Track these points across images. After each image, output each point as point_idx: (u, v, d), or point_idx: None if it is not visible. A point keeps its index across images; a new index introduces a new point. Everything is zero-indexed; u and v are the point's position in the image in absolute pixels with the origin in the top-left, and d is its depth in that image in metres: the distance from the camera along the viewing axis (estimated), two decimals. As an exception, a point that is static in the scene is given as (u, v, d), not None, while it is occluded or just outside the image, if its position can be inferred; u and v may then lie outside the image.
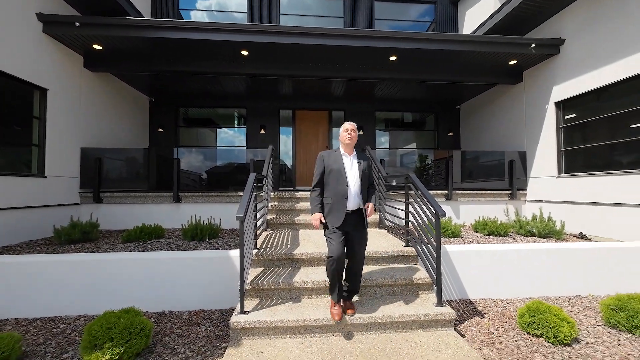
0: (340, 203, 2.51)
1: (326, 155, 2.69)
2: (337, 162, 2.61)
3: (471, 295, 3.49)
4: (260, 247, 3.47)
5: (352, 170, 2.61)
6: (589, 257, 3.61)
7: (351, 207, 2.55)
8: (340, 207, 2.51)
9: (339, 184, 2.54)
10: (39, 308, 3.05)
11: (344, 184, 2.53)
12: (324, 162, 2.65)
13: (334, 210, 2.52)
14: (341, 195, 2.52)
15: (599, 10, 4.78)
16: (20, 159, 4.47)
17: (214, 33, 4.95)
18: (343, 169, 2.57)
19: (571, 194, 5.23)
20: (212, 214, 5.09)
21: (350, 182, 2.55)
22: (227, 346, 2.42)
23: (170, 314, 3.11)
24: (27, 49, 4.39)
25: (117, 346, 2.13)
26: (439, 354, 2.27)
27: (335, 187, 2.55)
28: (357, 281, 2.68)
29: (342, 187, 2.53)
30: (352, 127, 2.68)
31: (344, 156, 2.66)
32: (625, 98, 4.51)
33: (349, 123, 2.70)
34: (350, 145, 2.67)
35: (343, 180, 2.54)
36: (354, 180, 2.58)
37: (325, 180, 2.62)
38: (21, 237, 4.32)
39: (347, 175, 2.56)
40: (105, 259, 3.21)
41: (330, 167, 2.60)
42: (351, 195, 2.54)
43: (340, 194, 2.52)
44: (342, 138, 2.68)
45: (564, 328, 2.45)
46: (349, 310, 2.59)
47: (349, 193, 2.53)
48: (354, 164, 2.64)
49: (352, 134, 2.65)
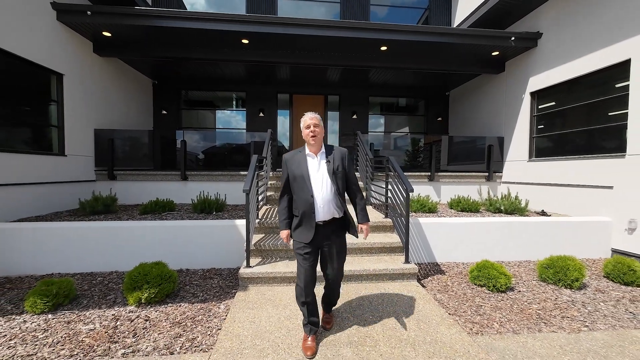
0: (308, 215, 2.11)
1: (289, 158, 2.21)
2: (300, 167, 2.14)
3: (438, 259, 4.17)
4: (261, 217, 4.09)
5: (320, 174, 2.13)
6: (538, 229, 4.28)
7: (322, 219, 2.12)
8: (308, 219, 2.11)
9: (304, 193, 2.11)
10: (78, 265, 3.67)
11: (308, 194, 2.09)
12: (287, 167, 2.20)
13: (302, 223, 2.14)
14: (308, 205, 2.10)
15: (571, 8, 5.18)
16: (44, 139, 4.95)
17: (216, 23, 5.31)
18: (307, 175, 2.11)
19: (538, 176, 5.86)
20: (216, 190, 5.67)
21: (316, 191, 2.10)
22: (236, 291, 3.08)
23: (187, 270, 3.75)
24: (44, 36, 4.76)
25: (153, 287, 2.77)
26: (401, 296, 2.95)
27: (301, 196, 2.13)
28: (335, 295, 2.42)
29: (307, 196, 2.10)
30: (313, 121, 2.11)
31: (308, 157, 2.17)
32: (587, 91, 5.03)
33: (309, 116, 2.13)
34: (316, 144, 2.15)
35: (307, 189, 2.10)
36: (320, 187, 2.11)
37: (292, 188, 2.21)
38: (49, 209, 4.89)
39: (311, 182, 2.11)
40: (133, 225, 3.81)
41: (293, 172, 2.16)
42: (319, 206, 2.10)
43: (307, 204, 2.10)
44: (305, 136, 2.15)
45: (501, 279, 3.13)
46: (327, 325, 2.40)
47: (316, 204, 2.10)
48: (322, 166, 2.15)
49: (316, 129, 2.11)
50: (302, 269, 2.14)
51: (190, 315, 2.65)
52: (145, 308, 2.76)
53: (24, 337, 2.31)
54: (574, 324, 2.55)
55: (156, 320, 2.57)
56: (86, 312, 2.70)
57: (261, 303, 2.80)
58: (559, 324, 2.55)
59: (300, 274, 2.17)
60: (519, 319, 2.63)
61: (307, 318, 2.18)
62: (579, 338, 2.33)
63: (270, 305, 2.76)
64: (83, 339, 2.30)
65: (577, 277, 3.22)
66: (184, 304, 2.86)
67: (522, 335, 2.36)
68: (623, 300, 3.01)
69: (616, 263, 3.47)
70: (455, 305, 2.89)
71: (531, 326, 2.51)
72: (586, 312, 2.76)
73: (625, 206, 4.28)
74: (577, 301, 2.98)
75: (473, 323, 2.55)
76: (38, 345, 2.22)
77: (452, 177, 6.71)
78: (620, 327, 2.52)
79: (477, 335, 2.37)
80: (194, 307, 2.80)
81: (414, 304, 2.80)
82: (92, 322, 2.54)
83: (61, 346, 2.21)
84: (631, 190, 4.21)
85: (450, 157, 7.23)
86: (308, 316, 2.18)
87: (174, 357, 2.08)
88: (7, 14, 4.14)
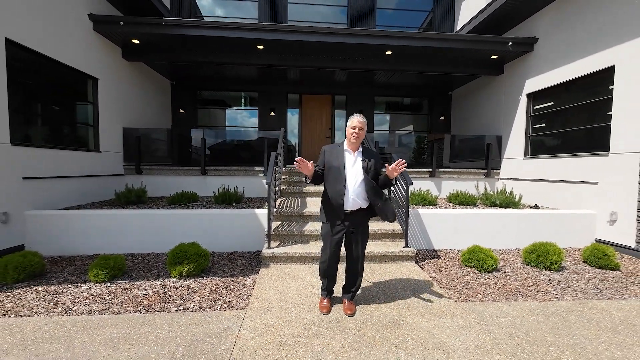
0: (338, 203, 2.38)
1: (328, 150, 2.51)
2: (338, 159, 2.42)
3: (435, 246, 4.64)
4: (278, 207, 4.61)
5: (354, 168, 2.40)
6: (528, 221, 4.72)
7: (350, 208, 2.40)
8: (338, 207, 2.39)
9: (337, 183, 2.38)
10: (120, 247, 4.23)
11: (341, 184, 2.36)
12: (325, 157, 2.50)
13: (333, 209, 2.43)
14: (338, 194, 2.36)
15: (565, 15, 5.55)
16: (83, 137, 5.54)
17: (235, 31, 5.81)
18: (343, 168, 2.39)
19: (532, 173, 6.28)
20: (233, 184, 6.21)
21: (349, 182, 2.37)
22: (259, 268, 3.62)
23: (214, 253, 4.28)
24: (82, 45, 5.31)
25: (192, 262, 3.32)
26: (400, 274, 3.45)
27: (334, 185, 2.40)
28: (357, 279, 2.62)
29: (340, 186, 2.36)
30: (360, 124, 2.37)
31: (346, 152, 2.45)
32: (577, 94, 5.42)
33: (357, 119, 2.39)
34: (356, 143, 2.43)
35: (341, 179, 2.37)
36: (353, 180, 2.38)
37: (325, 177, 2.49)
38: (87, 200, 5.48)
39: (346, 174, 2.38)
40: (167, 213, 4.37)
41: (330, 163, 2.44)
42: (349, 196, 2.37)
43: (338, 193, 2.37)
44: (348, 135, 2.42)
45: (488, 261, 3.61)
46: (349, 311, 2.55)
47: (346, 193, 2.36)
48: (357, 162, 2.41)
49: (360, 132, 2.37)
50: (328, 249, 2.50)
51: (223, 285, 3.19)
52: (185, 280, 3.31)
53: (94, 299, 2.87)
54: (546, 296, 3.02)
55: (196, 288, 3.11)
56: (137, 282, 3.26)
57: (282, 277, 3.33)
58: (533, 296, 3.02)
59: (325, 253, 2.54)
60: (500, 292, 3.11)
61: (325, 286, 2.66)
62: (547, 305, 2.81)
63: (290, 279, 3.28)
64: (141, 300, 2.85)
65: (556, 260, 3.68)
66: (217, 278, 3.40)
67: (500, 303, 2.85)
68: (594, 280, 3.46)
69: (593, 249, 3.92)
70: (447, 281, 3.38)
71: (509, 297, 2.99)
72: (559, 288, 3.22)
73: (607, 200, 4.69)
74: (553, 280, 3.45)
75: (460, 294, 3.04)
76: (107, 304, 2.78)
77: (452, 173, 7.15)
78: (585, 298, 2.98)
79: (462, 302, 2.86)
80: (226, 280, 3.34)
81: (411, 279, 3.30)
82: (144, 289, 3.10)
83: (125, 305, 2.76)
84: (613, 186, 4.62)
85: (452, 154, 7.66)
86: (327, 285, 2.65)
87: (217, 313, 2.62)
88: (53, 27, 4.69)
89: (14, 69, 4.07)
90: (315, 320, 2.47)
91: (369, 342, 2.18)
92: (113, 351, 2.07)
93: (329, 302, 2.66)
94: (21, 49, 4.21)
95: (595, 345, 2.19)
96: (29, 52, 4.34)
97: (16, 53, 4.14)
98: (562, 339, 2.26)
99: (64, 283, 3.22)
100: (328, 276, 2.61)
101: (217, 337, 2.24)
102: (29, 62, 4.39)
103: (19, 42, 4.11)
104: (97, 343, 2.16)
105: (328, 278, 2.62)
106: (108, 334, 2.27)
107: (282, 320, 2.46)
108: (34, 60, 4.47)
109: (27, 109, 4.45)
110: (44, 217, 4.17)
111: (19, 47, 4.17)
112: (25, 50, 4.28)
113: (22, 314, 2.59)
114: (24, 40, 4.18)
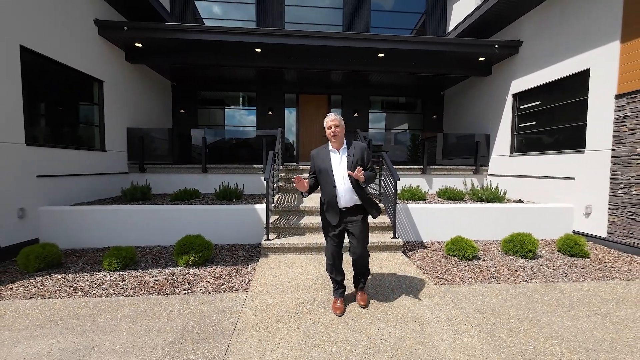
0: (333, 202, 2.48)
1: (315, 154, 2.60)
2: (325, 162, 2.50)
3: (423, 238, 4.97)
4: (276, 203, 4.93)
5: (341, 167, 2.48)
6: (509, 214, 5.06)
7: (344, 205, 2.50)
8: (333, 206, 2.49)
9: (328, 184, 2.48)
10: (128, 240, 4.52)
11: (331, 185, 2.46)
12: (314, 162, 2.59)
13: (329, 209, 2.52)
14: (331, 195, 2.47)
15: (547, 20, 5.86)
16: (90, 137, 5.82)
17: (235, 35, 6.09)
18: (330, 169, 2.48)
19: (517, 169, 6.62)
20: (233, 182, 6.51)
21: (338, 182, 2.46)
22: (259, 258, 3.94)
23: (216, 245, 4.60)
24: (88, 49, 5.58)
25: (197, 252, 3.63)
26: (388, 262, 3.78)
27: (325, 187, 2.51)
28: (363, 271, 2.71)
29: (330, 187, 2.47)
30: (334, 122, 2.45)
31: (331, 153, 2.53)
32: (557, 95, 5.75)
33: (329, 119, 2.47)
34: (337, 141, 2.50)
35: (330, 180, 2.47)
36: (342, 179, 2.46)
37: (318, 180, 2.60)
38: (94, 196, 5.77)
39: (334, 174, 2.47)
40: (172, 208, 4.67)
41: (319, 167, 2.53)
42: (341, 195, 2.47)
43: (330, 194, 2.47)
44: (328, 136, 2.52)
45: (468, 250, 3.94)
46: (362, 302, 2.65)
47: (338, 193, 2.46)
48: (343, 159, 2.49)
49: (336, 130, 2.46)
50: (330, 248, 2.57)
51: (226, 273, 3.51)
52: (191, 268, 3.62)
53: (110, 284, 3.18)
54: (517, 280, 3.36)
55: (202, 275, 3.43)
56: (147, 271, 3.57)
57: (280, 265, 3.65)
58: (506, 280, 3.36)
59: (328, 252, 2.59)
60: (477, 276, 3.45)
61: (336, 286, 2.68)
62: (516, 287, 3.15)
63: (287, 266, 3.61)
64: (152, 286, 3.16)
65: (531, 249, 4.02)
66: (220, 266, 3.72)
67: (474, 285, 3.19)
68: (564, 266, 3.81)
69: (566, 239, 4.26)
70: (430, 268, 3.71)
71: (484, 280, 3.33)
72: (530, 273, 3.56)
73: (583, 194, 5.04)
74: (527, 266, 3.79)
75: (440, 278, 3.38)
76: (122, 288, 3.09)
77: (443, 170, 7.48)
78: (551, 282, 3.33)
79: (441, 285, 3.19)
80: (228, 268, 3.66)
81: (397, 266, 3.63)
82: (154, 276, 3.41)
83: (139, 289, 3.08)
84: (588, 181, 4.96)
85: (444, 152, 7.99)
86: (337, 285, 2.67)
87: (222, 295, 2.94)
88: (61, 33, 4.95)
89: (27, 74, 4.34)
90: (308, 299, 2.79)
91: (355, 316, 2.51)
92: (133, 324, 2.39)
93: (342, 302, 2.62)
94: (33, 55, 4.48)
95: (551, 317, 2.52)
96: (40, 58, 4.61)
97: (29, 59, 4.41)
98: (523, 313, 2.60)
99: (80, 272, 3.53)
100: (334, 276, 2.66)
101: (222, 314, 2.56)
102: (40, 67, 4.66)
103: (31, 48, 4.38)
104: (118, 319, 2.48)
105: (335, 279, 2.67)
106: (126, 312, 2.59)
107: (280, 300, 2.78)
108: (45, 65, 4.73)
109: (39, 111, 4.72)
110: (56, 212, 4.47)
111: (32, 53, 4.43)
112: (37, 56, 4.55)
113: (47, 297, 2.90)
114: (35, 46, 4.45)
